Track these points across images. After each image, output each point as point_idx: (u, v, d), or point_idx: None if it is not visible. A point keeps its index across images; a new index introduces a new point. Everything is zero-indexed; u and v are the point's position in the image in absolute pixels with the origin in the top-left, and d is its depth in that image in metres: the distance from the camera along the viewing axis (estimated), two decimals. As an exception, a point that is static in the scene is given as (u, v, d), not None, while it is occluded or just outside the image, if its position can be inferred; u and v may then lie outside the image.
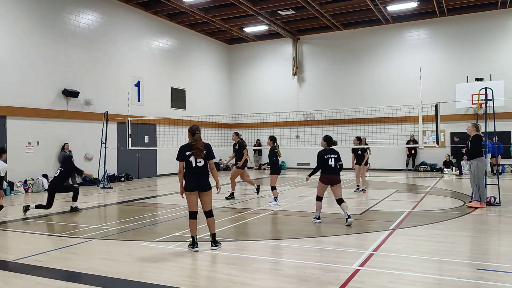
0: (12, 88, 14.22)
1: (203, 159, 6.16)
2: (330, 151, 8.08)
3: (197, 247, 6.10)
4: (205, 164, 6.21)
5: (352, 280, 4.72)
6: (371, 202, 10.84)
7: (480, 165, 9.48)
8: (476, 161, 9.48)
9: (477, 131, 9.63)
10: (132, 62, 19.23)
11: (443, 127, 19.51)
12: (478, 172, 9.46)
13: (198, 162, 6.13)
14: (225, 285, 4.65)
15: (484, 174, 9.65)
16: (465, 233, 7.16)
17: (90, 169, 16.46)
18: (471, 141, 9.56)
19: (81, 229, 7.81)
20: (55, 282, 4.88)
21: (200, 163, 6.14)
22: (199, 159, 6.13)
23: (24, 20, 14.69)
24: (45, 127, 15.22)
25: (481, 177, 9.49)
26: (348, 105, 22.21)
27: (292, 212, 9.37)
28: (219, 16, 21.02)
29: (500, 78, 19.62)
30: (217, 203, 10.87)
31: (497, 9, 20.39)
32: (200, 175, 6.14)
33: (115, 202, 11.67)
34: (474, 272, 4.97)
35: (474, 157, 9.52)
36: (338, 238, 6.86)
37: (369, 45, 23.22)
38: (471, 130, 9.67)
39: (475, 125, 9.75)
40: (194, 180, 6.10)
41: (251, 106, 25.63)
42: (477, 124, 9.84)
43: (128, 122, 15.74)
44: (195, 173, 6.12)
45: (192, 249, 6.09)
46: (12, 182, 13.81)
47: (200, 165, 6.14)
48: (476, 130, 9.62)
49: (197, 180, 6.10)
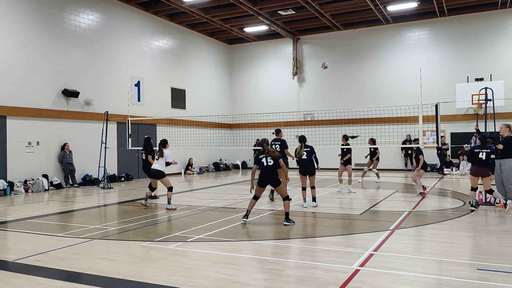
0: (12, 88, 14.22)
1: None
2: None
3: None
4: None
5: (352, 280, 4.72)
6: (371, 202, 10.83)
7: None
8: (508, 161, 9.24)
9: (510, 132, 9.45)
10: (132, 62, 19.24)
11: (443, 127, 19.51)
12: (511, 172, 9.20)
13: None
14: (225, 285, 4.65)
15: None
16: (465, 233, 7.15)
17: (90, 168, 16.56)
18: (504, 141, 9.37)
19: (81, 229, 7.81)
20: (55, 282, 4.88)
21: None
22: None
23: (24, 20, 14.69)
24: (45, 127, 15.23)
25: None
26: (348, 105, 22.21)
27: (292, 212, 9.36)
28: (219, 16, 21.02)
29: (500, 78, 19.62)
30: (217, 203, 10.88)
31: (497, 9, 20.39)
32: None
33: (115, 202, 11.67)
34: (474, 272, 4.97)
35: (506, 157, 9.29)
36: (338, 238, 6.86)
37: (369, 45, 23.22)
38: (505, 131, 9.50)
39: (508, 125, 9.57)
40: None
41: (251, 106, 25.64)
42: (510, 124, 9.64)
43: (128, 122, 15.73)
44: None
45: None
46: (12, 182, 13.81)
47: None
48: (509, 131, 9.44)
49: None
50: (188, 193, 13.87)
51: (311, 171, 9.96)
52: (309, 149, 9.94)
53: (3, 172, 13.84)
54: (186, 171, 21.70)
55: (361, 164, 22.54)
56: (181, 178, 19.89)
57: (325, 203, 10.52)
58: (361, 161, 17.27)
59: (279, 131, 11.37)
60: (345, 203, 10.98)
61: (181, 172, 21.57)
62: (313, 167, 9.99)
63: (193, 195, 13.22)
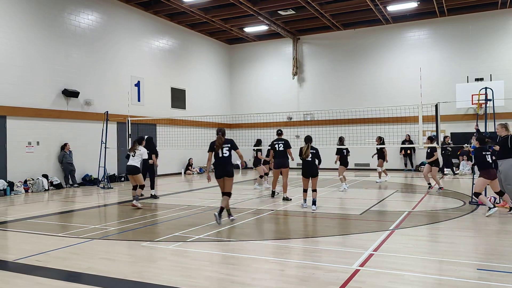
0: (12, 88, 14.22)
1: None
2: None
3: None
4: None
5: (352, 280, 4.72)
6: (371, 202, 10.83)
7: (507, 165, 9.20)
8: (506, 162, 9.19)
9: (506, 131, 9.35)
10: (132, 62, 19.24)
11: (443, 127, 19.51)
12: (509, 172, 9.15)
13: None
14: (225, 285, 4.65)
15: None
16: (465, 233, 7.15)
17: (90, 168, 16.56)
18: (502, 141, 9.26)
19: (81, 229, 7.81)
20: (55, 282, 4.88)
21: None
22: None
23: (24, 20, 14.69)
24: (45, 127, 15.23)
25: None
26: (348, 105, 22.21)
27: (292, 212, 9.37)
28: (219, 16, 21.02)
29: (500, 78, 19.61)
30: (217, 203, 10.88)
31: (497, 9, 20.39)
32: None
33: (115, 202, 11.67)
34: (474, 272, 4.97)
35: (504, 157, 9.23)
36: (338, 238, 6.86)
37: (369, 45, 23.22)
38: (502, 131, 9.40)
39: (503, 125, 9.47)
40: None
41: (251, 106, 25.64)
42: (506, 124, 9.55)
43: (128, 122, 15.74)
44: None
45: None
46: (12, 182, 13.81)
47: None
48: (506, 130, 9.35)
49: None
50: (188, 193, 13.88)
51: (315, 173, 9.80)
52: (314, 151, 9.80)
53: (3, 172, 13.84)
54: (186, 171, 21.70)
55: (362, 164, 22.63)
56: (181, 178, 19.89)
57: (325, 203, 10.51)
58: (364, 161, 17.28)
59: (281, 131, 11.89)
60: (345, 203, 10.99)
61: (181, 172, 21.58)
62: (316, 169, 9.82)
63: (193, 195, 13.22)
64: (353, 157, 13.51)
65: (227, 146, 8.22)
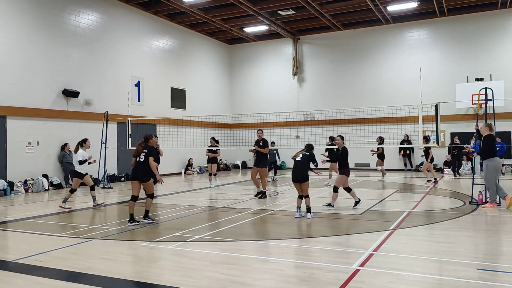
0: (12, 88, 14.22)
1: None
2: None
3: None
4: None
5: (352, 280, 4.72)
6: (371, 202, 10.83)
7: (490, 164, 9.34)
8: (488, 161, 9.35)
9: (490, 130, 9.47)
10: (132, 62, 19.24)
11: (443, 127, 19.50)
12: (489, 172, 9.31)
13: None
14: (225, 285, 4.65)
15: (497, 174, 9.48)
16: (465, 233, 7.15)
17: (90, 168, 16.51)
18: (484, 140, 9.40)
19: (81, 229, 7.81)
20: (55, 282, 4.88)
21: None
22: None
23: (24, 20, 14.69)
24: (45, 127, 15.22)
25: (492, 177, 9.34)
26: (348, 105, 22.20)
27: (292, 212, 9.36)
28: (219, 16, 21.02)
29: (500, 78, 19.61)
30: (217, 203, 10.88)
31: (497, 9, 20.39)
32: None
33: (115, 202, 11.67)
34: (474, 272, 4.96)
35: (487, 157, 9.38)
36: (338, 238, 6.86)
37: (369, 45, 23.22)
38: (484, 130, 9.51)
39: (487, 124, 9.58)
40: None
41: (251, 106, 25.64)
42: (490, 124, 9.66)
43: (128, 122, 15.74)
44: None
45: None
46: (12, 182, 13.81)
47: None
48: (489, 130, 9.46)
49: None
50: (188, 193, 13.87)
51: (299, 178, 8.74)
52: (307, 154, 8.95)
53: (3, 172, 13.84)
54: (186, 171, 21.70)
55: (362, 164, 22.62)
56: (181, 178, 19.89)
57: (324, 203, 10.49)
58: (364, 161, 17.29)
59: (261, 131, 12.78)
60: (345, 203, 10.98)
61: (181, 172, 21.57)
62: (303, 175, 8.74)
63: (193, 195, 13.22)
64: (353, 157, 13.48)
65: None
